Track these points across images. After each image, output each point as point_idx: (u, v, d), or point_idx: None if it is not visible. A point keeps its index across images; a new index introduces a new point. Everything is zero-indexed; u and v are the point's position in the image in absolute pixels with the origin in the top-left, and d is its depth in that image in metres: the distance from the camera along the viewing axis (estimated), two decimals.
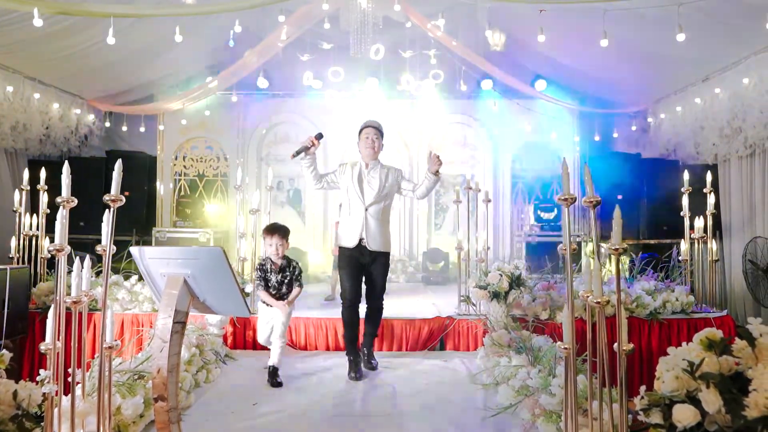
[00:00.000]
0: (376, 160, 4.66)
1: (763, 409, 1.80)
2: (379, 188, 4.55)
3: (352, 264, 4.54)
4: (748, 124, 7.01)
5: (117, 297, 5.31)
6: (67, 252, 2.49)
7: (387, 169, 4.66)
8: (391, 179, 4.63)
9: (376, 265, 4.57)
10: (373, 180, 4.57)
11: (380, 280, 4.62)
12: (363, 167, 4.63)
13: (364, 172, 4.61)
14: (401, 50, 8.26)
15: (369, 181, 4.58)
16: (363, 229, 4.50)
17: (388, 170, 4.66)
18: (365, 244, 4.49)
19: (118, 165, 2.59)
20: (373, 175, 4.59)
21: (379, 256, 4.56)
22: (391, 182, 4.63)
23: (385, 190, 4.59)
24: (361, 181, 4.57)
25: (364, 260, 4.53)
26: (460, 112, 9.68)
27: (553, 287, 5.38)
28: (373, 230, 4.52)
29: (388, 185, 4.61)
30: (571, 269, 2.63)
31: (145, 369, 3.66)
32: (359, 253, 4.51)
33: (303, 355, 5.16)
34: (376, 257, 4.54)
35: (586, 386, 2.83)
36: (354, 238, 4.51)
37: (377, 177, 4.58)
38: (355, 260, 4.53)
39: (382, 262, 4.60)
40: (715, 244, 5.65)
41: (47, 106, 7.98)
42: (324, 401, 3.92)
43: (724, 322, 5.16)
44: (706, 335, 2.10)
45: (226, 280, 2.54)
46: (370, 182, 4.57)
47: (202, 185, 9.64)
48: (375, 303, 4.67)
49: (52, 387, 2.43)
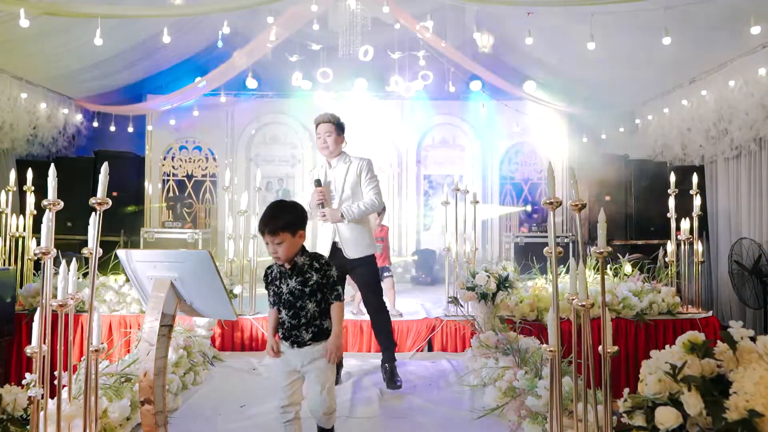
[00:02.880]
0: (339, 156, 4.20)
1: (743, 411, 1.82)
2: (343, 183, 4.13)
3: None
4: (734, 125, 7.08)
5: (105, 298, 5.28)
6: (53, 255, 2.49)
7: (349, 163, 4.18)
8: (353, 174, 4.14)
9: (359, 271, 4.18)
10: (338, 176, 4.15)
11: (368, 282, 4.23)
12: (327, 167, 4.23)
13: (328, 173, 4.21)
14: (390, 51, 8.27)
15: (332, 180, 4.17)
16: (334, 234, 4.11)
17: (350, 164, 4.18)
18: (339, 250, 4.09)
19: (105, 168, 2.56)
20: (336, 173, 4.17)
21: (358, 261, 4.12)
22: (353, 177, 4.14)
23: (349, 189, 4.13)
24: (328, 182, 4.17)
25: (345, 269, 4.07)
26: (448, 113, 9.71)
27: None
28: (347, 235, 4.10)
29: (350, 182, 4.14)
30: (557, 272, 2.65)
31: (132, 371, 3.65)
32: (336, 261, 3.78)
33: None
34: (354, 263, 4.12)
35: (572, 388, 2.85)
36: (327, 243, 4.13)
37: (341, 172, 4.15)
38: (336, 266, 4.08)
39: (363, 265, 4.16)
40: (701, 245, 5.70)
41: (35, 105, 7.93)
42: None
43: (710, 323, 5.20)
44: (688, 338, 2.12)
45: (212, 284, 2.54)
46: (335, 179, 4.16)
47: (191, 186, 9.60)
48: (372, 305, 4.23)
49: (38, 390, 2.42)
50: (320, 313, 2.76)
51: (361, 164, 4.17)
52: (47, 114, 8.20)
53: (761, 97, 6.46)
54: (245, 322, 5.30)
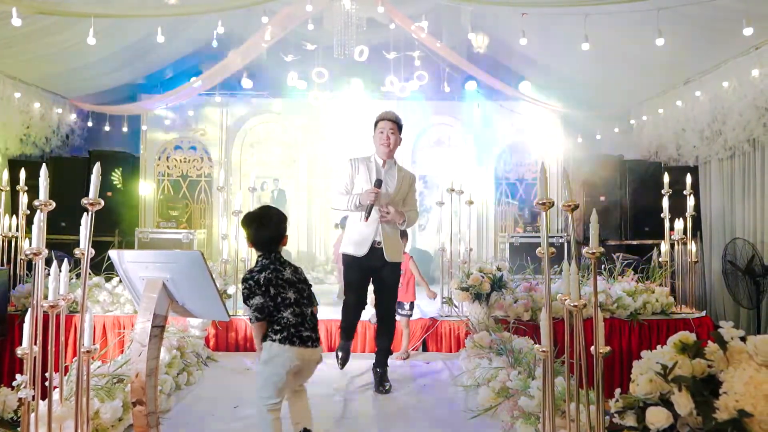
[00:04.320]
0: (392, 159, 4.17)
1: (733, 411, 1.83)
2: (395, 190, 4.08)
3: (361, 274, 4.11)
4: (728, 126, 7.10)
5: (98, 299, 5.26)
6: (44, 255, 2.48)
7: (404, 172, 4.21)
8: (406, 185, 4.17)
9: (387, 273, 4.11)
10: (390, 180, 4.08)
11: (392, 288, 4.20)
12: (379, 165, 4.12)
13: (381, 171, 4.10)
14: (385, 52, 8.27)
15: (386, 181, 4.06)
16: (377, 234, 4.02)
17: (404, 174, 4.19)
18: (379, 247, 4.03)
19: (97, 168, 2.56)
20: (390, 176, 4.11)
21: (392, 265, 4.11)
22: (405, 188, 4.17)
23: (398, 196, 4.12)
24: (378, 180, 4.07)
25: (375, 266, 4.06)
26: (444, 113, 9.70)
27: (534, 289, 5.41)
28: (391, 237, 4.08)
29: (403, 191, 4.15)
30: (550, 272, 2.65)
31: (124, 372, 3.64)
32: (369, 261, 4.04)
33: None
34: (387, 265, 4.08)
35: (564, 388, 2.85)
36: (365, 244, 4.02)
37: (394, 178, 4.11)
38: (364, 268, 4.09)
39: (394, 269, 4.16)
40: (695, 245, 5.71)
41: (28, 105, 7.90)
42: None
43: (703, 322, 5.22)
44: (679, 338, 2.13)
45: (204, 284, 2.53)
46: (387, 183, 4.06)
47: (186, 186, 9.57)
48: (386, 312, 4.21)
49: (29, 392, 2.41)
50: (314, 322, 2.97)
51: (412, 177, 4.28)
52: (41, 113, 8.17)
53: (754, 98, 6.49)
54: (239, 322, 5.29)
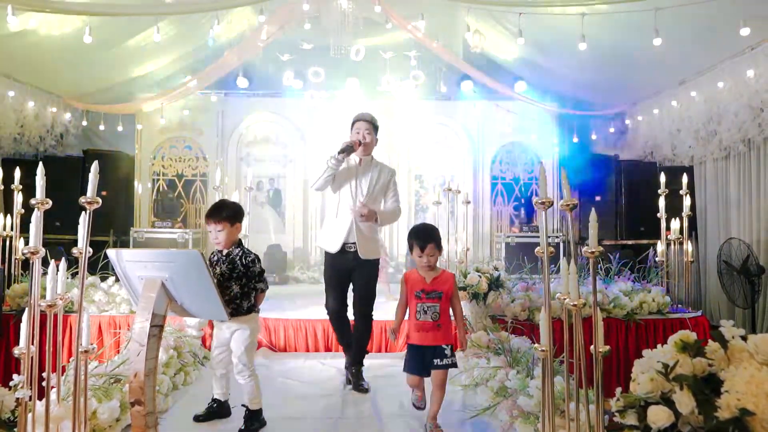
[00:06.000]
0: (369, 156, 4.26)
1: (735, 410, 1.83)
2: (369, 188, 4.17)
3: (336, 272, 4.17)
4: (723, 127, 7.13)
5: (94, 299, 5.24)
6: (41, 255, 2.46)
7: (380, 168, 4.27)
8: (383, 180, 4.23)
9: (362, 271, 4.16)
10: (365, 179, 4.18)
11: (368, 286, 4.22)
12: (356, 164, 4.22)
13: (357, 169, 4.20)
14: (382, 51, 8.26)
15: (360, 179, 4.18)
16: (349, 233, 4.10)
17: (381, 169, 4.26)
18: (351, 250, 4.10)
19: (95, 167, 2.54)
20: (365, 174, 4.20)
21: (366, 263, 4.16)
22: (383, 183, 4.23)
23: (375, 192, 4.20)
24: (352, 178, 4.17)
25: (349, 266, 4.13)
26: (440, 113, 9.69)
27: (532, 288, 5.41)
28: (364, 234, 4.13)
29: (379, 186, 4.21)
30: (549, 272, 2.65)
31: (121, 372, 3.62)
32: (343, 259, 4.12)
33: (281, 357, 5.14)
34: (362, 263, 4.14)
35: (564, 388, 2.85)
36: (338, 241, 4.11)
37: (368, 175, 4.20)
38: (339, 268, 4.16)
39: (369, 267, 4.20)
40: (690, 245, 5.73)
41: (22, 104, 7.84)
42: (302, 404, 3.91)
43: (699, 322, 5.24)
44: (680, 337, 2.13)
45: (203, 284, 2.52)
46: (361, 181, 4.17)
47: (181, 185, 9.53)
48: (362, 310, 4.23)
49: (26, 392, 2.39)
50: (241, 295, 3.35)
51: (391, 173, 4.32)
52: (35, 112, 8.10)
53: (750, 99, 6.51)
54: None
